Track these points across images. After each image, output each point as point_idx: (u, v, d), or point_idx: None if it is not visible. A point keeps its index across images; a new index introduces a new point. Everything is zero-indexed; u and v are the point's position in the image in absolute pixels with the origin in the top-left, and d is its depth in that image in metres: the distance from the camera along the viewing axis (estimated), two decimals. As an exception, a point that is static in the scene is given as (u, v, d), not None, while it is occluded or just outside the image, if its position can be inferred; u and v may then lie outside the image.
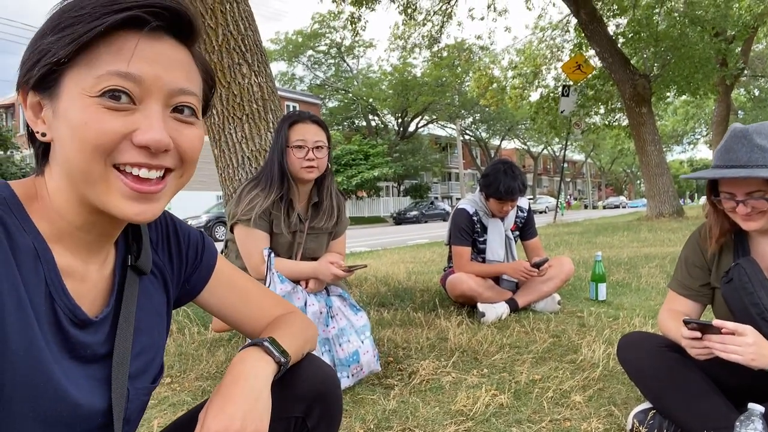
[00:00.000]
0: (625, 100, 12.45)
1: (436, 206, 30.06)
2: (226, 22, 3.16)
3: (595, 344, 2.45)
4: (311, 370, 0.92)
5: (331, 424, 0.93)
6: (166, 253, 0.85)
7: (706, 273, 1.65)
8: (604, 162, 60.58)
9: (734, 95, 26.01)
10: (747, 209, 1.42)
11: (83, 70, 0.61)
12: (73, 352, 0.67)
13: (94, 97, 0.60)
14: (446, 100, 35.63)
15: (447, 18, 15.22)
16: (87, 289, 0.71)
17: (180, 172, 0.68)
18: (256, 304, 0.96)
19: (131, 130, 0.62)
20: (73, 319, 0.67)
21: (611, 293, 3.81)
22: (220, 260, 0.93)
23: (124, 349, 0.73)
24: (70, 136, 0.61)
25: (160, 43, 0.64)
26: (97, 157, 0.61)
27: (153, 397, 2.07)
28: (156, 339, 0.81)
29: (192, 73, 0.68)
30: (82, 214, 0.67)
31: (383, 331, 2.82)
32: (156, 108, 0.63)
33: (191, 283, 0.89)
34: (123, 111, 0.61)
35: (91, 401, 0.68)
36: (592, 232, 10.59)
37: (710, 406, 1.47)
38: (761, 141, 1.41)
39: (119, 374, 0.72)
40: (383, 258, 7.22)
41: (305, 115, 2.22)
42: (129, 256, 0.77)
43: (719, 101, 18.09)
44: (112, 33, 0.61)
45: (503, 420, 1.75)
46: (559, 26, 17.55)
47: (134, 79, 0.61)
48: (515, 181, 3.09)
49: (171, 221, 0.87)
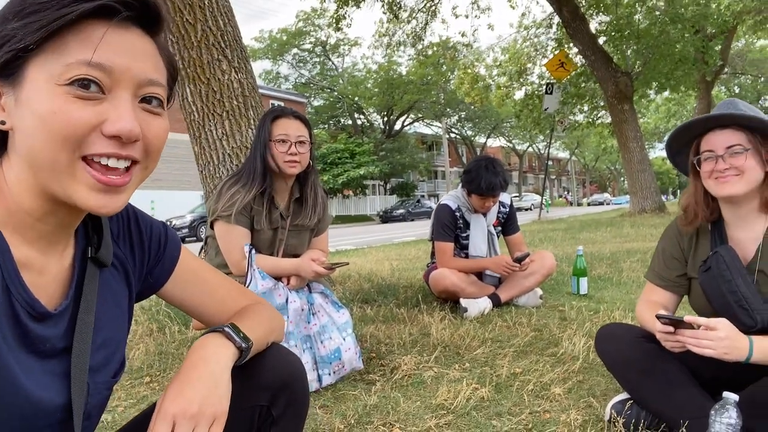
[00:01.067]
0: (608, 97, 12.58)
1: (422, 204, 30.12)
2: (205, 17, 3.13)
3: (575, 337, 2.47)
4: (276, 359, 0.91)
5: (297, 413, 0.92)
6: (127, 245, 0.83)
7: (682, 263, 1.67)
8: (588, 159, 61.14)
9: (715, 92, 26.37)
10: (726, 165, 1.43)
11: (50, 58, 0.59)
12: (31, 346, 0.66)
13: (62, 85, 0.59)
14: (431, 99, 35.69)
15: (431, 15, 15.24)
16: (46, 282, 0.69)
17: (145, 164, 0.68)
18: (221, 296, 0.95)
19: (101, 120, 0.61)
20: (31, 312, 0.66)
21: (593, 287, 3.85)
22: (184, 252, 0.92)
23: (83, 342, 0.71)
24: (36, 126, 0.59)
25: (128, 33, 0.64)
26: (65, 148, 0.60)
27: (132, 396, 2.04)
28: (117, 333, 0.80)
29: (159, 64, 0.68)
30: (41, 204, 0.65)
31: (366, 328, 2.81)
32: (125, 97, 0.62)
33: (154, 276, 0.87)
34: (92, 100, 0.60)
35: (49, 396, 0.67)
36: (576, 229, 10.69)
37: (686, 396, 1.49)
38: (744, 108, 1.48)
39: (79, 368, 0.70)
40: (368, 256, 7.21)
41: (288, 110, 2.21)
42: (89, 248, 0.75)
43: (700, 98, 18.34)
44: (80, 21, 0.60)
45: (484, 413, 1.76)
46: (542, 24, 17.66)
47: (104, 68, 0.60)
48: (497, 177, 3.11)
49: (132, 213, 0.85)
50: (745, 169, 1.42)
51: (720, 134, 1.46)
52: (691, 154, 1.56)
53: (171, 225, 17.70)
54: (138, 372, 2.32)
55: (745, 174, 1.43)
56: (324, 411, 1.84)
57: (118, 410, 1.92)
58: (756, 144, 1.44)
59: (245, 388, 0.87)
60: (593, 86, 14.55)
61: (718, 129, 1.47)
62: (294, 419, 0.92)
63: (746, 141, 1.44)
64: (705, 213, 1.57)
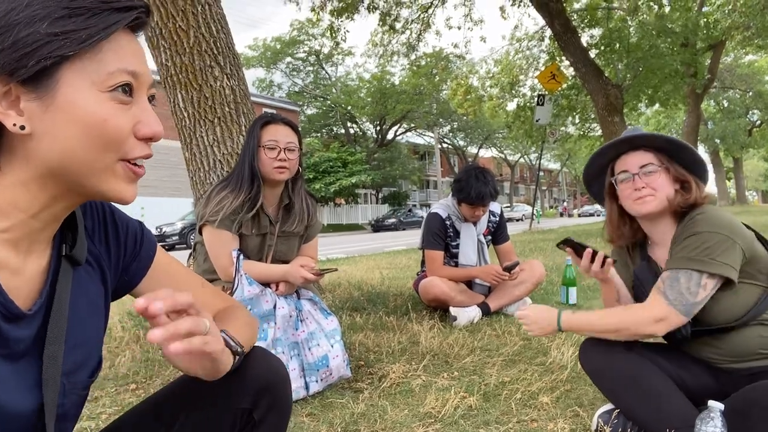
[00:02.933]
0: (598, 109, 12.66)
1: (414, 214, 30.13)
2: (198, 24, 3.13)
3: (564, 347, 2.47)
4: (257, 362, 0.90)
5: (279, 417, 0.92)
6: (103, 242, 0.82)
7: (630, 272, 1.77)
8: (579, 171, 61.56)
9: (704, 106, 26.71)
10: (642, 183, 1.56)
11: (89, 65, 0.61)
12: (3, 348, 0.65)
13: (105, 92, 0.62)
14: (424, 109, 35.79)
15: (425, 27, 15.32)
16: (21, 282, 0.68)
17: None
18: (197, 297, 0.94)
19: (134, 123, 0.65)
20: (5, 313, 0.64)
21: (582, 297, 3.86)
22: (159, 251, 0.91)
23: (56, 342, 0.70)
24: (80, 131, 0.61)
25: (137, 40, 0.68)
26: (110, 151, 0.63)
27: (117, 403, 2.02)
28: (92, 331, 0.79)
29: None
30: (42, 201, 0.65)
31: (355, 336, 2.80)
32: (146, 100, 0.67)
33: (129, 274, 0.86)
34: (127, 105, 0.64)
35: (20, 400, 0.65)
36: (567, 239, 10.71)
37: (671, 406, 1.49)
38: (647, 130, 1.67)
39: (51, 368, 0.69)
40: (359, 264, 7.20)
41: (277, 117, 2.22)
42: (63, 246, 0.74)
43: (689, 112, 18.57)
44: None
45: (471, 422, 1.76)
46: (534, 37, 17.82)
47: (135, 75, 0.65)
48: (486, 186, 3.12)
49: (108, 208, 0.84)
50: (658, 187, 1.56)
51: (632, 156, 1.61)
52: (607, 177, 1.70)
53: (161, 232, 17.50)
54: (124, 379, 2.29)
55: (658, 191, 1.56)
56: (311, 419, 1.83)
57: (102, 417, 1.89)
58: (665, 162, 1.58)
59: (227, 391, 0.86)
60: (584, 99, 14.67)
61: (630, 152, 1.62)
62: (276, 423, 0.91)
63: (656, 160, 1.58)
64: (627, 235, 1.71)
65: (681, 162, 1.60)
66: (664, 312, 1.45)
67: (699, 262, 1.43)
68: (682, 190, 1.57)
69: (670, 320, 1.45)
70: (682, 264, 1.45)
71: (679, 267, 1.46)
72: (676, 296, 1.44)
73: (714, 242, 1.43)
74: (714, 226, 1.45)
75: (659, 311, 1.46)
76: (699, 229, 1.47)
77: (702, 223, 1.47)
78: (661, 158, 1.58)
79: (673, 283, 1.45)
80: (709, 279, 1.43)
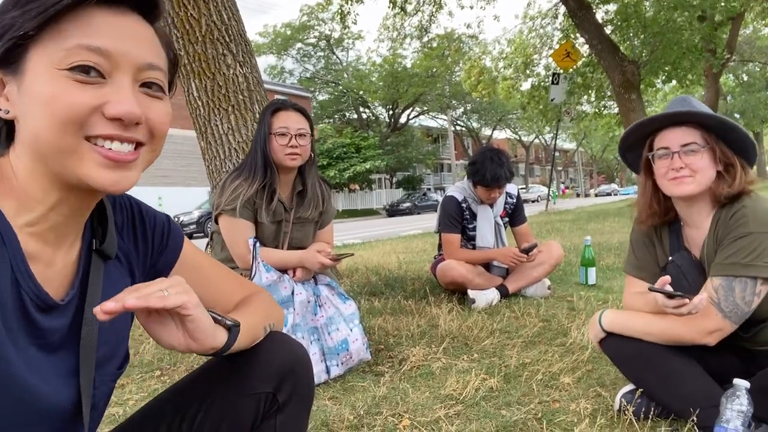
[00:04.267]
0: (615, 86, 12.45)
1: (428, 197, 30.06)
2: (209, 12, 3.13)
3: (584, 327, 2.46)
4: (279, 346, 0.91)
5: (302, 399, 0.92)
6: (131, 238, 0.83)
7: (653, 253, 1.68)
8: (595, 150, 60.76)
9: (723, 80, 26.11)
10: (681, 163, 1.44)
11: (50, 44, 0.60)
12: (39, 338, 0.66)
13: (62, 70, 0.60)
14: (437, 91, 35.53)
15: (437, 8, 15.13)
16: (53, 274, 0.69)
17: (151, 146, 0.68)
18: (223, 288, 0.95)
19: (101, 102, 0.61)
20: (39, 303, 0.66)
21: (601, 277, 3.83)
22: (187, 244, 0.92)
23: (91, 333, 0.71)
24: (38, 111, 0.60)
25: (125, 18, 0.64)
26: (68, 131, 0.60)
27: (144, 390, 2.06)
28: (121, 325, 0.80)
29: (157, 49, 0.69)
30: (53, 192, 0.65)
31: (374, 320, 2.82)
32: (126, 81, 0.63)
33: (157, 267, 0.88)
34: (92, 84, 0.61)
35: (56, 392, 0.67)
36: (584, 219, 10.64)
37: (695, 385, 1.48)
38: (697, 104, 1.50)
39: (87, 361, 0.70)
40: (375, 249, 7.21)
41: (288, 103, 2.22)
42: (94, 240, 0.75)
43: (708, 87, 18.16)
44: (78, 7, 0.61)
45: (493, 403, 1.76)
46: (548, 15, 17.52)
47: (103, 53, 0.61)
48: (501, 168, 3.09)
49: (136, 205, 0.85)
50: (698, 168, 1.44)
51: (676, 131, 1.47)
52: (645, 150, 1.57)
53: (178, 221, 17.69)
54: (149, 366, 2.33)
55: (698, 174, 1.45)
56: (333, 402, 1.85)
57: (129, 404, 1.93)
58: (711, 142, 1.45)
59: (249, 376, 0.87)
60: (600, 76, 14.42)
61: (674, 126, 1.48)
62: (299, 406, 0.92)
63: (701, 139, 1.45)
64: (658, 213, 1.60)
65: (728, 142, 1.47)
66: (719, 324, 1.40)
67: (754, 267, 1.37)
68: (725, 172, 1.46)
69: (724, 331, 1.41)
70: (736, 271, 1.39)
71: (732, 274, 1.39)
72: (731, 308, 1.39)
73: (767, 244, 1.36)
74: (764, 224, 1.38)
75: (714, 324, 1.40)
76: (748, 229, 1.39)
77: (751, 222, 1.39)
78: (707, 137, 1.45)
79: (728, 293, 1.39)
80: (764, 285, 1.38)
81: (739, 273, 1.38)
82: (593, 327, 1.69)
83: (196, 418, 0.87)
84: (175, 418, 0.87)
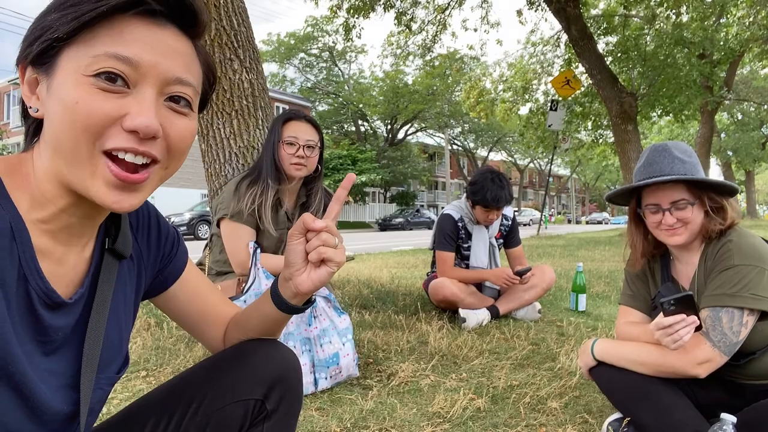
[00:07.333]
0: (612, 117, 12.59)
1: (421, 214, 30.10)
2: (220, 16, 3.15)
3: (573, 353, 2.47)
4: (270, 353, 0.91)
5: (290, 407, 0.91)
6: (145, 240, 0.84)
7: (647, 285, 1.73)
8: (588, 178, 61.23)
9: (717, 117, 26.48)
10: (673, 219, 1.50)
11: (81, 49, 0.60)
12: (42, 336, 0.66)
13: (88, 76, 0.59)
14: (436, 109, 35.72)
15: (441, 28, 15.29)
16: (64, 271, 0.69)
17: (165, 164, 0.67)
18: (213, 299, 0.96)
19: (122, 113, 0.60)
20: (46, 301, 0.66)
21: (591, 304, 3.85)
22: (189, 259, 0.95)
23: (97, 331, 0.71)
24: (60, 114, 0.60)
25: (161, 30, 0.64)
26: (85, 138, 0.60)
27: (128, 389, 2.04)
28: (124, 327, 0.80)
29: (192, 65, 0.67)
30: (65, 195, 0.65)
31: (364, 333, 2.81)
32: (149, 93, 0.62)
33: (164, 275, 0.88)
34: (116, 93, 0.60)
35: (54, 391, 0.67)
36: (575, 246, 10.69)
37: (682, 417, 1.49)
38: (679, 154, 1.53)
39: (91, 357, 0.70)
40: (367, 262, 7.21)
41: (301, 114, 2.24)
42: (107, 239, 0.75)
43: (703, 123, 18.41)
44: (115, 15, 0.61)
45: (480, 423, 1.76)
46: (550, 42, 17.75)
47: (131, 62, 0.60)
48: (502, 190, 3.12)
49: (153, 211, 0.87)
50: (689, 220, 1.50)
51: (664, 189, 1.52)
52: (632, 204, 1.64)
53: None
54: (134, 366, 2.31)
55: (690, 224, 1.51)
56: (320, 414, 1.84)
57: (114, 402, 1.91)
58: (698, 195, 1.51)
59: (240, 381, 0.87)
60: (598, 106, 14.59)
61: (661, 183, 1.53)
62: (288, 414, 0.91)
63: (689, 195, 1.50)
64: (649, 252, 1.66)
65: (713, 187, 1.53)
66: (709, 355, 1.42)
67: (739, 298, 1.40)
68: (714, 213, 1.51)
69: (714, 362, 1.42)
70: (723, 301, 1.42)
71: (719, 305, 1.43)
72: (720, 338, 1.41)
73: (752, 276, 1.40)
74: (748, 257, 1.42)
75: (703, 354, 1.42)
76: (734, 262, 1.43)
77: (736, 255, 1.44)
78: (692, 191, 1.51)
79: (715, 323, 1.42)
80: (750, 315, 1.41)
81: (726, 303, 1.42)
82: (584, 355, 1.70)
83: (182, 422, 0.85)
84: (161, 421, 0.86)
